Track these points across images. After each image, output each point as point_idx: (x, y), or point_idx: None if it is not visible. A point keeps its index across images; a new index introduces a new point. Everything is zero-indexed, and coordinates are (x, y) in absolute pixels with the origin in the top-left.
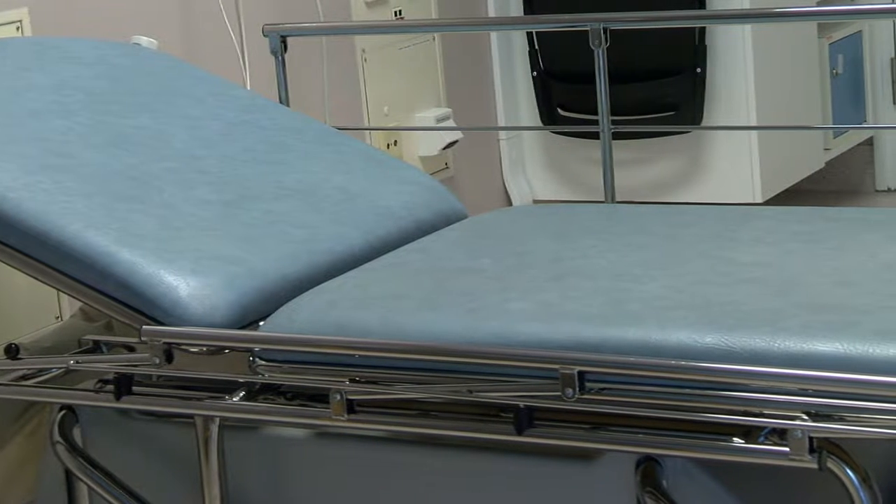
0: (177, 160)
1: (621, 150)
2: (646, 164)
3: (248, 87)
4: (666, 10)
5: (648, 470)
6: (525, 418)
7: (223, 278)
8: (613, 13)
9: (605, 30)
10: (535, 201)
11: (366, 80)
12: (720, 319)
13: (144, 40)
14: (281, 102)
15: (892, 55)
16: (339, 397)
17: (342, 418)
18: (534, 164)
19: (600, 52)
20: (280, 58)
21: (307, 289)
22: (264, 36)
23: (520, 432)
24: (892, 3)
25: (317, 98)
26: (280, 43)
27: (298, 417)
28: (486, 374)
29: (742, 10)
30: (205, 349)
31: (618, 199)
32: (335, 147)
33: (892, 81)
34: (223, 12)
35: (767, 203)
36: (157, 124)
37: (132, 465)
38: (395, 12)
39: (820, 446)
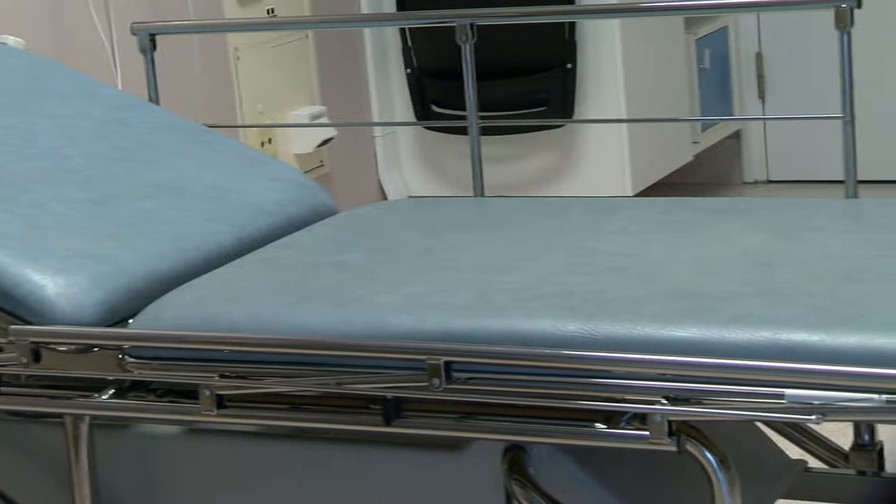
0: (44, 159)
1: (494, 146)
2: (519, 160)
3: (120, 86)
4: (533, 6)
5: (515, 457)
6: (393, 409)
7: (91, 277)
8: (480, 9)
9: (472, 25)
10: (411, 197)
11: (239, 79)
12: (582, 308)
13: (11, 40)
14: (151, 101)
15: (757, 50)
16: (208, 393)
17: (212, 413)
18: (409, 161)
19: (467, 47)
20: (149, 56)
21: (177, 286)
22: (133, 34)
23: (388, 423)
24: None
25: (189, 96)
26: (149, 41)
27: (168, 414)
28: (356, 367)
29: (610, 5)
30: (73, 348)
31: (491, 194)
32: (206, 145)
33: (758, 76)
34: (93, 11)
35: (638, 196)
36: (24, 123)
37: (1, 467)
38: (268, 10)
39: (679, 430)
